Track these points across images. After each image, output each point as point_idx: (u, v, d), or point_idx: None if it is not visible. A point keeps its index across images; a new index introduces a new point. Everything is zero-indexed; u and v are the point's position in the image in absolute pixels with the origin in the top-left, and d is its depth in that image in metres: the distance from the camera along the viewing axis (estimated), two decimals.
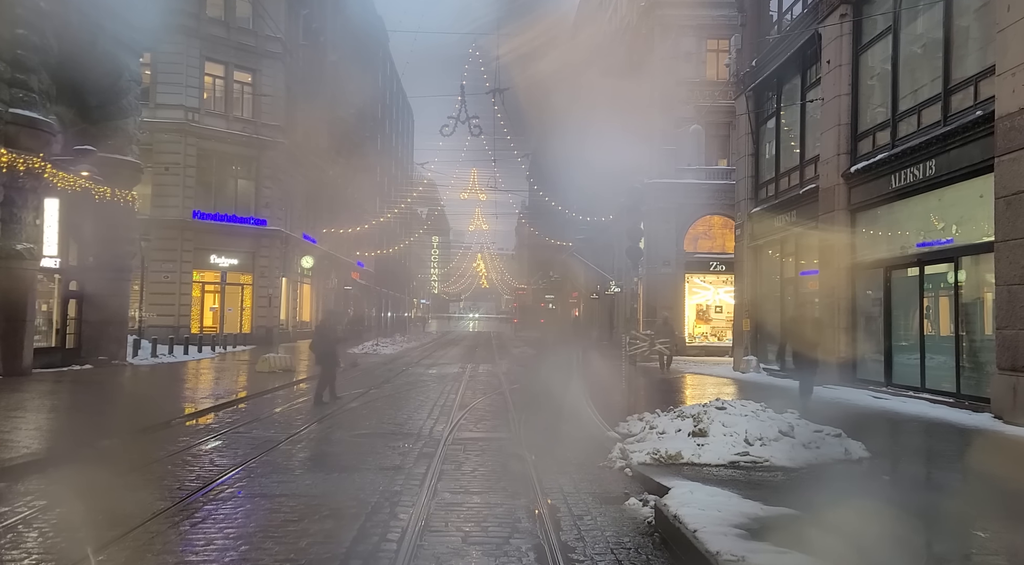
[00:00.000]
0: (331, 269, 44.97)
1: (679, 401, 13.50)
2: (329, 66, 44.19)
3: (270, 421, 10.81)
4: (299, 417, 11.24)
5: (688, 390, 15.83)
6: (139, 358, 21.16)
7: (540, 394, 14.60)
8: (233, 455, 8.19)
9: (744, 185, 20.07)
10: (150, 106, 30.23)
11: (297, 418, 11.15)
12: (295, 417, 11.25)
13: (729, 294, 33.16)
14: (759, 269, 19.65)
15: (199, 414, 11.31)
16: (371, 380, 17.90)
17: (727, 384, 16.92)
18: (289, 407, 12.49)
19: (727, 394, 14.85)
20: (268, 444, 8.77)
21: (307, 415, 11.41)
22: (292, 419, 11.01)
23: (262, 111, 33.22)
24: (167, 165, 30.35)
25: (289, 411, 11.98)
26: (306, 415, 11.42)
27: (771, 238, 18.40)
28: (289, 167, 35.69)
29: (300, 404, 12.97)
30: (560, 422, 10.84)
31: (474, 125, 27.98)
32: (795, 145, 17.51)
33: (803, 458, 7.20)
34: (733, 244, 33.13)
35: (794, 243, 17.38)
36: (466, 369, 21.74)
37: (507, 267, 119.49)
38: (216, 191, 32.20)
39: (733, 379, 17.98)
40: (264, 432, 9.78)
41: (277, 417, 11.20)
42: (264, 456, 8.09)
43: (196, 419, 10.94)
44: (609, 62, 43.52)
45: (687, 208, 31.99)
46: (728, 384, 16.91)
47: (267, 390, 14.72)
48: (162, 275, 30.26)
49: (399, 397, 14.18)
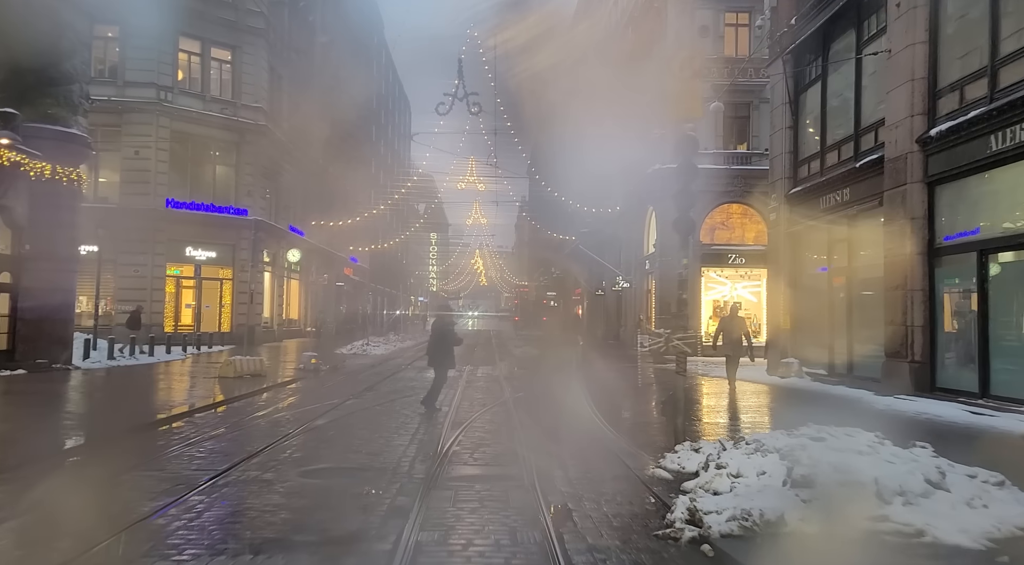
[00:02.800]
0: (322, 264, 42.43)
1: (730, 418, 10.98)
2: (319, 49, 41.61)
3: (198, 453, 8.18)
4: (241, 445, 8.65)
5: (729, 401, 13.28)
6: (91, 361, 18.61)
7: (551, 406, 12.05)
8: (74, 531, 5.08)
9: (780, 163, 17.52)
10: (118, 84, 27.78)
11: (237, 446, 8.53)
12: (235, 445, 8.64)
13: (748, 289, 30.68)
14: (799, 258, 17.10)
15: (102, 443, 8.61)
16: (351, 387, 15.36)
17: (772, 392, 14.38)
18: (237, 428, 9.87)
19: (780, 406, 12.33)
20: (167, 497, 6.08)
21: (253, 440, 8.85)
22: (230, 448, 8.40)
23: (243, 92, 30.64)
24: (137, 149, 27.80)
25: (234, 435, 9.40)
26: (252, 441, 8.85)
27: (815, 222, 15.87)
28: (274, 154, 33.12)
29: (256, 422, 10.40)
30: (583, 449, 8.30)
31: (472, 103, 25.54)
32: (847, 112, 14.96)
33: (978, 527, 4.66)
34: (753, 235, 30.72)
35: (846, 226, 14.84)
36: (463, 373, 19.19)
37: (507, 264, 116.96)
38: (192, 178, 29.63)
39: (774, 385, 15.44)
40: (182, 468, 7.19)
41: (213, 445, 8.61)
42: (141, 524, 5.28)
43: (90, 452, 8.21)
44: (614, 46, 40.96)
45: (703, 196, 29.34)
46: (773, 392, 14.37)
47: (221, 402, 12.16)
48: (132, 269, 27.74)
49: (380, 411, 11.62)
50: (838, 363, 15.05)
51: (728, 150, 29.81)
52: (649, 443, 8.56)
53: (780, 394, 14.02)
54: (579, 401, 12.64)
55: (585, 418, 10.76)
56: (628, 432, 9.63)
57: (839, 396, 13.01)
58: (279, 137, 33.22)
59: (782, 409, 11.78)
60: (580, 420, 10.56)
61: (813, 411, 11.03)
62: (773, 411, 11.82)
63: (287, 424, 10.02)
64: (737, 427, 9.99)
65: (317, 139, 40.17)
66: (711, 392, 14.71)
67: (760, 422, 10.58)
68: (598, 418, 10.72)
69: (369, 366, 21.68)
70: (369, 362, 23.40)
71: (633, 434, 9.42)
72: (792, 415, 9.80)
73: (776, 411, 11.73)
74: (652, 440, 8.80)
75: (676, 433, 7.51)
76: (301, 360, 19.93)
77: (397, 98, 76.67)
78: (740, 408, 12.29)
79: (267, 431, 9.39)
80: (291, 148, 35.09)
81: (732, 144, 30.00)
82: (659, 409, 11.83)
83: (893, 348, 12.40)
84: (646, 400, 13.92)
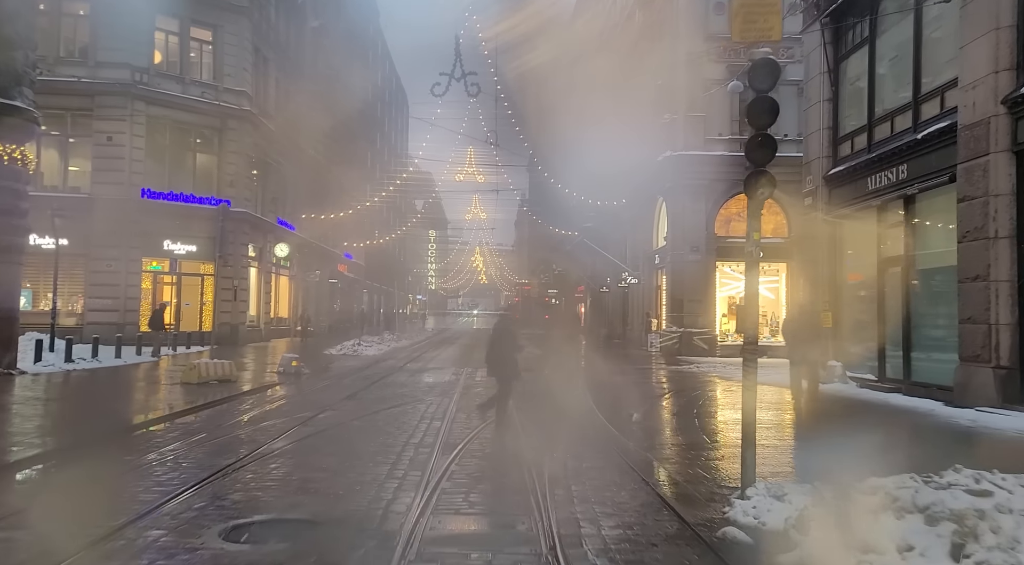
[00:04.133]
0: (314, 260, 40.40)
1: (796, 441, 8.97)
2: (310, 34, 39.61)
3: (92, 498, 6.06)
4: (160, 482, 6.58)
5: (784, 413, 11.26)
6: (44, 364, 16.61)
7: (564, 421, 10.05)
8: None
9: (817, 141, 15.52)
10: (89, 65, 25.75)
11: (154, 485, 6.40)
12: (151, 483, 6.53)
13: (765, 285, 28.63)
14: (841, 247, 15.10)
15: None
16: (332, 394, 13.38)
17: (821, 402, 12.38)
18: (168, 456, 7.74)
19: (845, 423, 10.23)
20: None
21: (180, 476, 6.80)
22: (143, 489, 6.23)
23: (225, 74, 28.59)
24: (110, 134, 25.74)
25: (159, 467, 7.29)
26: (178, 477, 6.78)
27: (862, 205, 13.90)
28: (260, 142, 31.11)
29: (196, 446, 8.37)
30: (614, 488, 6.33)
31: (471, 83, 23.55)
32: (903, 77, 12.97)
33: None
34: (771, 226, 28.66)
35: (901, 208, 12.85)
36: (460, 377, 17.23)
37: (506, 262, 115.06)
38: (170, 166, 27.58)
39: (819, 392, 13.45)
40: (50, 530, 5.14)
41: (119, 484, 6.39)
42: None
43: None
44: (619, 33, 38.94)
45: (718, 185, 27.45)
46: (822, 402, 12.36)
47: (166, 417, 10.15)
48: (104, 263, 25.73)
49: (358, 428, 9.62)
50: (891, 367, 13.07)
51: (745, 136, 27.69)
52: (700, 479, 6.58)
53: (833, 406, 11.99)
54: (597, 414, 10.66)
55: (608, 438, 8.78)
56: (668, 460, 7.64)
57: (904, 408, 11.04)
58: (265, 124, 31.21)
59: (851, 428, 9.69)
60: (603, 441, 8.58)
61: (892, 430, 9.06)
62: (840, 430, 9.65)
63: (236, 447, 8.01)
64: (814, 456, 7.88)
65: (308, 128, 38.12)
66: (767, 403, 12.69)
67: (839, 448, 8.52)
68: (624, 439, 8.74)
69: (357, 369, 19.70)
70: (358, 364, 21.41)
71: (676, 463, 7.44)
72: (870, 436, 7.84)
73: (845, 431, 9.59)
74: (703, 474, 6.81)
75: (746, 469, 5.51)
76: (281, 362, 17.96)
77: (394, 90, 74.62)
78: (804, 426, 10.28)
79: (203, 460, 7.37)
80: (279, 137, 33.07)
81: (749, 129, 27.91)
82: (696, 426, 9.87)
83: (971, 351, 10.43)
84: (677, 412, 11.92)
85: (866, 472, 4.77)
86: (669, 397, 13.93)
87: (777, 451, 8.11)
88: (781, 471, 6.89)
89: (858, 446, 5.30)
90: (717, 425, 10.48)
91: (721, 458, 7.64)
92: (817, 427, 9.93)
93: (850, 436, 6.94)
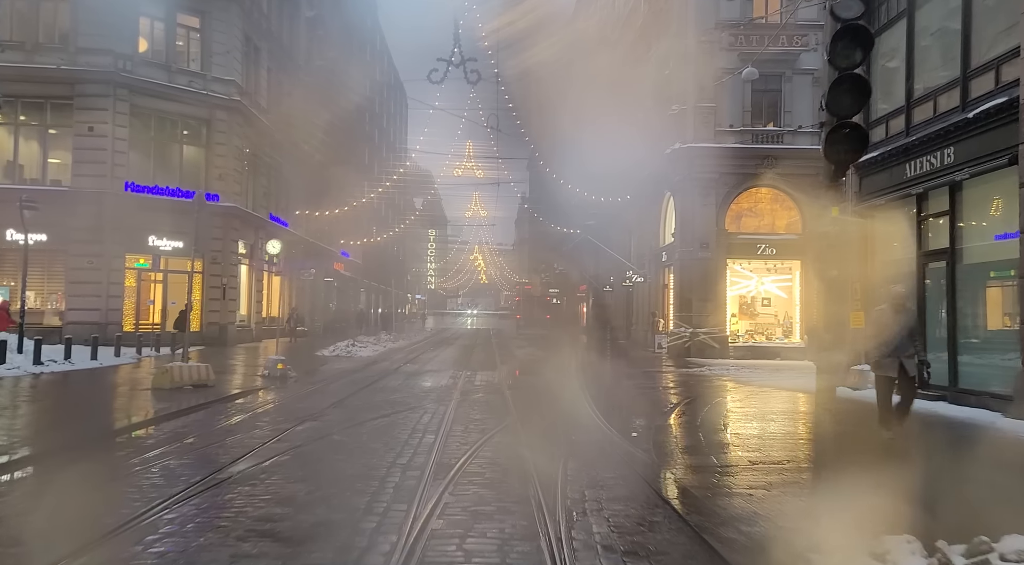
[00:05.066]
0: (309, 258, 39.10)
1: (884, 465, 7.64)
2: (305, 24, 38.37)
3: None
4: (70, 522, 5.36)
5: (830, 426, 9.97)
6: (8, 366, 15.41)
7: (578, 435, 8.82)
8: None
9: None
10: (69, 51, 24.50)
11: (64, 525, 5.21)
12: (62, 520, 5.36)
13: (777, 283, 27.45)
14: (874, 240, 13.85)
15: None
16: (317, 401, 12.15)
17: (860, 413, 11.14)
18: (106, 482, 6.51)
19: (913, 444, 8.93)
20: None
21: (108, 509, 5.57)
22: (40, 532, 5.09)
23: (213, 63, 27.36)
24: (91, 125, 24.49)
25: (88, 497, 6.10)
26: (103, 512, 5.54)
27: (898, 194, 12.67)
28: (251, 134, 29.87)
29: (147, 468, 7.12)
30: (646, 521, 5.10)
31: (470, 70, 22.31)
32: (949, 51, 11.73)
33: None
34: (784, 222, 27.45)
35: (945, 196, 11.62)
36: (458, 381, 16.01)
37: (507, 262, 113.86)
38: (156, 159, 26.38)
39: (851, 400, 12.21)
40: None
41: (24, 525, 5.24)
42: None
43: None
44: (624, 24, 37.69)
45: (729, 179, 26.25)
46: (862, 413, 11.12)
47: (124, 429, 8.92)
48: (85, 260, 24.47)
49: (339, 445, 8.37)
50: (934, 372, 11.79)
51: (757, 128, 26.57)
52: (767, 516, 5.35)
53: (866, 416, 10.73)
54: (614, 425, 9.43)
55: (635, 462, 7.52)
56: (714, 491, 6.40)
57: (961, 422, 9.80)
58: (257, 116, 29.97)
59: (918, 448, 8.39)
60: (628, 466, 7.34)
61: (963, 449, 7.82)
62: (912, 452, 8.27)
63: (190, 472, 6.76)
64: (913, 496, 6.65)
65: (303, 122, 36.87)
66: (797, 411, 11.45)
67: (933, 483, 7.23)
68: (652, 459, 7.51)
69: (349, 372, 18.47)
70: (351, 366, 20.19)
71: (727, 499, 6.20)
72: (947, 461, 6.64)
73: (917, 452, 8.26)
74: (771, 512, 5.58)
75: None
76: (266, 365, 16.76)
77: (393, 87, 73.35)
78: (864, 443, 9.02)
79: (146, 490, 6.12)
80: (271, 130, 31.83)
81: (761, 121, 26.73)
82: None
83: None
84: (700, 421, 10.67)
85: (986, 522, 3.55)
86: (689, 406, 12.68)
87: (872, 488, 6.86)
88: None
89: (942, 475, 4.06)
90: (752, 426, 9.26)
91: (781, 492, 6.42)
92: (890, 451, 8.68)
93: (929, 459, 5.72)
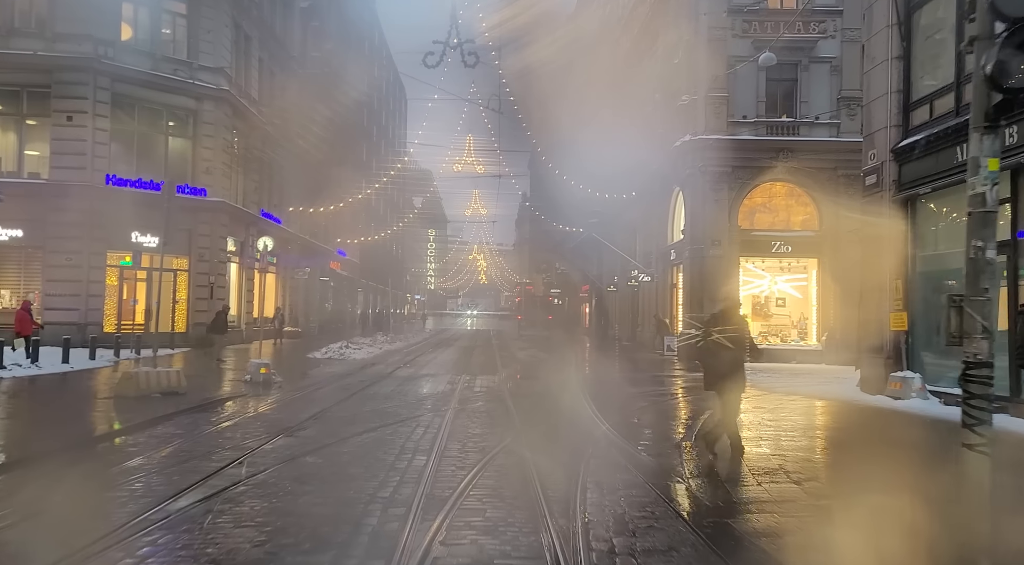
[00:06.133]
0: (304, 256, 37.86)
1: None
2: (300, 14, 37.10)
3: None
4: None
5: (911, 451, 8.65)
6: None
7: (592, 451, 7.52)
8: None
9: (883, 108, 12.97)
10: (46, 37, 23.27)
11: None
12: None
13: (791, 283, 26.13)
14: (916, 233, 12.55)
15: None
16: (296, 411, 10.85)
17: (917, 429, 9.85)
18: (14, 525, 5.29)
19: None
20: None
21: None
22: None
23: (200, 51, 26.08)
24: (70, 114, 23.24)
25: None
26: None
27: (946, 180, 11.35)
28: (241, 127, 28.61)
29: (77, 504, 5.84)
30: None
31: (468, 52, 21.03)
32: None
33: None
34: (800, 219, 26.06)
35: (1006, 182, 10.31)
36: (457, 387, 14.71)
37: (507, 262, 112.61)
38: (139, 150, 25.11)
39: (900, 413, 10.92)
40: None
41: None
42: None
43: None
44: (630, 15, 36.38)
45: (743, 172, 24.96)
46: (919, 429, 9.84)
47: (63, 449, 7.61)
48: (63, 257, 23.20)
49: (308, 471, 7.04)
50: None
51: (772, 119, 25.26)
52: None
53: (944, 436, 9.39)
54: (634, 443, 8.13)
55: (668, 494, 6.21)
56: (775, 535, 5.09)
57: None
58: (247, 108, 28.70)
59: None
60: (660, 499, 6.02)
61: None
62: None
63: (115, 509, 5.45)
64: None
65: (297, 116, 35.59)
66: (848, 430, 10.12)
67: None
68: (688, 490, 6.20)
69: (339, 376, 17.16)
70: (342, 370, 18.89)
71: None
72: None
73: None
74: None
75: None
76: (248, 369, 15.47)
77: (392, 83, 72.11)
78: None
79: (58, 534, 4.83)
80: (263, 122, 30.57)
81: (776, 112, 25.41)
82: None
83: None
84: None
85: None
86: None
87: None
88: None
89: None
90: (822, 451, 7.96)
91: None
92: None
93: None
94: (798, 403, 12.54)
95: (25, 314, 18.46)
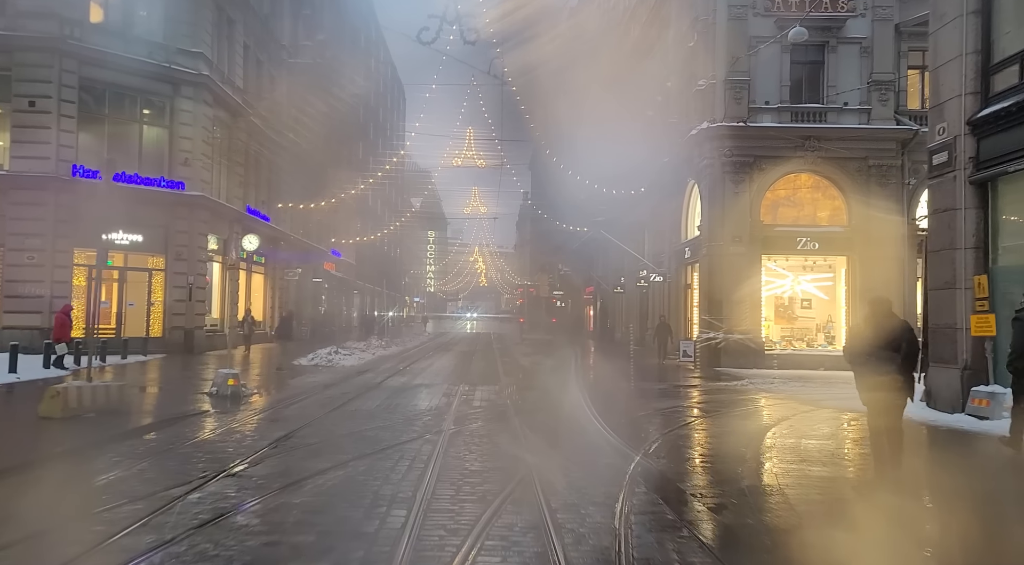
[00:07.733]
0: (295, 256, 35.84)
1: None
2: (288, 1, 35.14)
3: None
4: None
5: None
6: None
7: (629, 502, 5.52)
8: None
9: (956, 73, 10.96)
10: (7, 14, 21.30)
11: None
12: None
13: (816, 283, 24.08)
14: (1002, 222, 10.54)
15: None
16: (259, 435, 8.86)
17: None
18: None
19: None
20: None
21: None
22: None
23: (178, 33, 24.11)
24: (32, 99, 21.26)
25: None
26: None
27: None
28: (223, 116, 26.64)
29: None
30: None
31: (467, 29, 19.07)
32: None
33: None
34: (827, 213, 23.94)
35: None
36: (453, 401, 12.71)
37: (508, 264, 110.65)
38: (110, 139, 23.11)
39: (983, 436, 8.91)
40: None
41: None
42: None
43: None
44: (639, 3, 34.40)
45: (765, 163, 22.99)
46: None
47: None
48: (25, 256, 21.22)
49: (229, 544, 5.02)
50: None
51: (796, 105, 23.29)
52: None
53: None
54: (691, 485, 6.12)
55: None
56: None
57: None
58: (230, 96, 26.73)
59: None
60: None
61: None
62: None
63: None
64: None
65: (288, 108, 33.71)
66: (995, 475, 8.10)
67: None
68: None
69: (321, 387, 15.15)
70: (326, 379, 16.88)
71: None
72: None
73: None
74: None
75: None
76: (215, 380, 13.50)
77: (390, 80, 70.23)
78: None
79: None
80: (246, 111, 28.58)
81: (800, 97, 23.42)
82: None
83: None
84: (784, 470, 7.34)
85: None
86: (756, 439, 9.31)
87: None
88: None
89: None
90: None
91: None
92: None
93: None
94: (863, 423, 10.52)
95: (65, 318, 17.91)
